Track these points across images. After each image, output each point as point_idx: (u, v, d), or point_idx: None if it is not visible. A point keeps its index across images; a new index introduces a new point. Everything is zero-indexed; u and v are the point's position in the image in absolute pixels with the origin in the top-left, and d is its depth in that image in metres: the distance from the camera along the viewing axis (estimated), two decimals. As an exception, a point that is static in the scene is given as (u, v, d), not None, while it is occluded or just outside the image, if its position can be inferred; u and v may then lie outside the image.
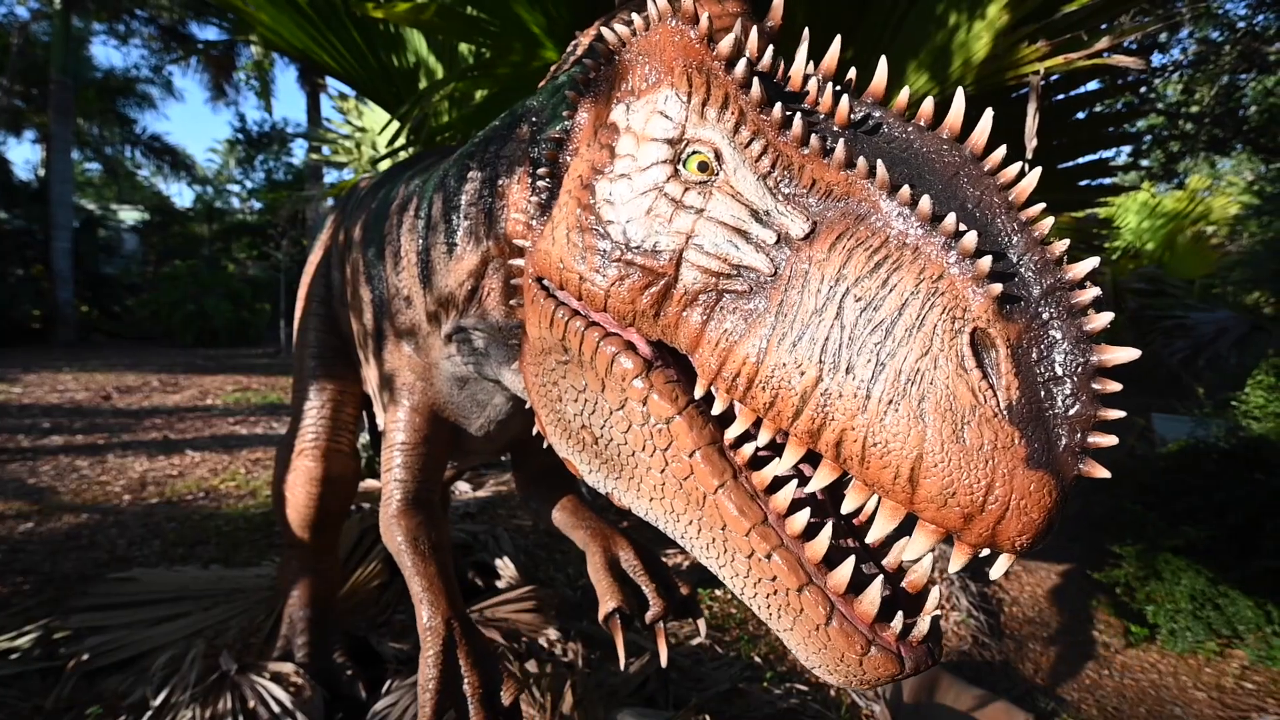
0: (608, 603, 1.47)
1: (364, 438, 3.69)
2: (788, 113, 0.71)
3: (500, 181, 1.10)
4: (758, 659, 2.59)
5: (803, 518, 0.70)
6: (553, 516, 1.83)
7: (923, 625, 0.66)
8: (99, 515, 3.66)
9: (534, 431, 1.02)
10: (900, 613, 0.66)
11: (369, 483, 3.66)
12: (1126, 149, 7.10)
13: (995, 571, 0.60)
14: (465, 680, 1.29)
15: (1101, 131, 2.81)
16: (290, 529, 1.98)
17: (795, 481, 0.72)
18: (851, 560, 0.66)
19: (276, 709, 1.90)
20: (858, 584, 0.67)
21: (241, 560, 3.11)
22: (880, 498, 0.63)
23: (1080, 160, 2.78)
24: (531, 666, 2.17)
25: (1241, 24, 6.31)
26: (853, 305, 0.61)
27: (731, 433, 0.74)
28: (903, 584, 0.72)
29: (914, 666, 0.65)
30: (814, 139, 0.69)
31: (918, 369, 0.57)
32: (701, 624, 1.60)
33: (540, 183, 0.95)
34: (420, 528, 1.44)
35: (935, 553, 0.69)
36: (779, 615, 0.70)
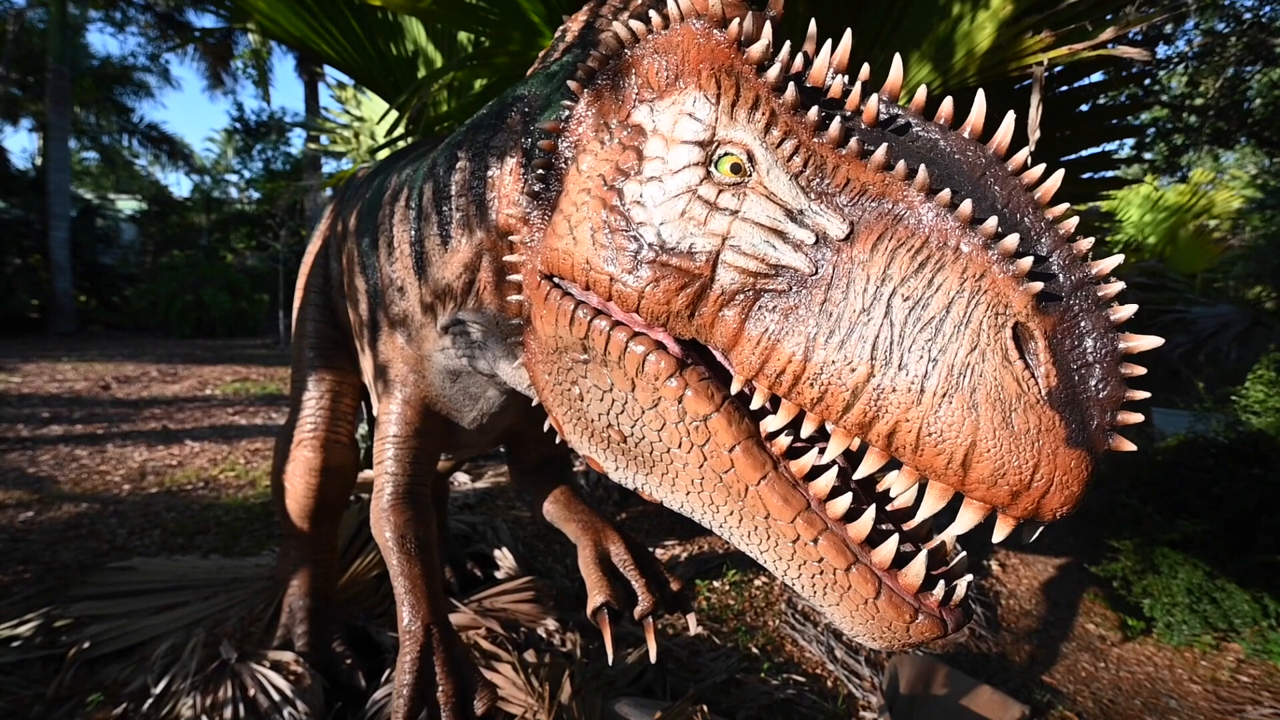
0: (596, 597, 1.47)
1: (362, 428, 3.70)
2: (823, 114, 0.72)
3: (491, 172, 1.08)
4: (755, 650, 2.60)
5: (844, 502, 0.73)
6: (545, 509, 1.83)
7: (960, 590, 0.71)
8: (99, 505, 3.66)
9: (546, 427, 1.02)
10: (941, 581, 0.70)
11: (368, 473, 3.66)
12: (1129, 142, 7.07)
13: (1031, 536, 0.66)
14: (440, 687, 1.29)
15: (1105, 124, 2.79)
16: (289, 519, 1.99)
17: (835, 469, 0.75)
18: (895, 539, 0.71)
19: (276, 697, 1.91)
20: (898, 559, 0.72)
21: (241, 550, 3.12)
22: (929, 481, 0.67)
23: (1083, 153, 2.76)
24: (530, 656, 2.18)
25: (1248, 15, 6.25)
26: (901, 305, 0.64)
27: (772, 426, 0.76)
28: (923, 552, 0.75)
29: (954, 626, 0.70)
30: (852, 141, 0.70)
31: (968, 363, 0.61)
32: (692, 619, 1.60)
33: (534, 174, 0.94)
34: (409, 525, 1.43)
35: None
36: (825, 592, 0.73)
